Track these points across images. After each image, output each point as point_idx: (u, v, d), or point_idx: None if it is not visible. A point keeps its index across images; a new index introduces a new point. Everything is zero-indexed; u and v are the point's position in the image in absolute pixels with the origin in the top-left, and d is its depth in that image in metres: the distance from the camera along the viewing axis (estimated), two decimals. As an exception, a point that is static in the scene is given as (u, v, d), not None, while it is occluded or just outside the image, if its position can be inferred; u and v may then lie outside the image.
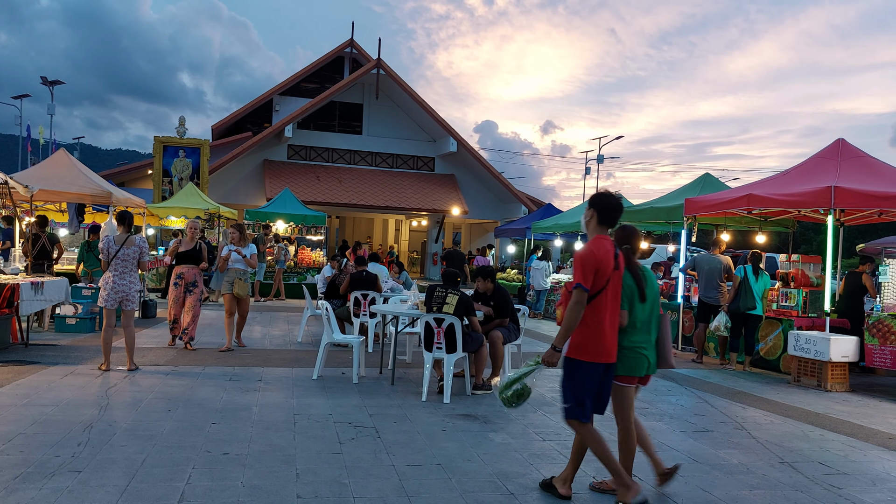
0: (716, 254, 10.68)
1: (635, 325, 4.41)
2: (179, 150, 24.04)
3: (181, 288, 9.42)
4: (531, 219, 19.78)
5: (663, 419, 6.71)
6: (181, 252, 9.45)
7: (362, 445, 5.34)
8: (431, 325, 7.11)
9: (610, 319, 4.27)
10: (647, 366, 4.45)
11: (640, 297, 4.42)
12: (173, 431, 5.47)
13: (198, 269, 9.50)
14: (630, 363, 4.40)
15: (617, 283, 4.29)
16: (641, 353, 4.41)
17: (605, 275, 4.20)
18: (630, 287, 4.39)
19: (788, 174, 10.51)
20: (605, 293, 4.21)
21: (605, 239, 4.29)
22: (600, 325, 4.22)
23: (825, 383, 8.55)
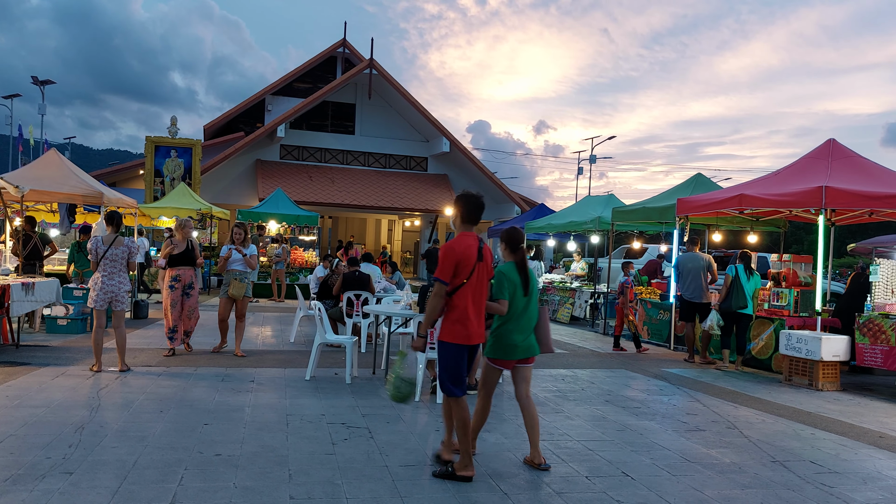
0: (696, 251, 10.69)
1: (515, 315, 4.94)
2: (171, 150, 23.99)
3: (178, 291, 8.93)
4: (524, 219, 19.80)
5: (655, 418, 6.72)
6: (175, 254, 8.93)
7: (355, 446, 5.34)
8: (424, 325, 7.10)
9: (475, 306, 4.76)
10: (522, 351, 4.98)
11: (523, 290, 4.97)
12: (165, 433, 5.45)
13: (194, 269, 9.08)
14: (505, 349, 4.95)
15: (482, 275, 4.79)
16: (518, 340, 4.95)
17: (468, 268, 4.71)
18: (513, 281, 4.94)
19: (780, 174, 10.55)
20: (468, 284, 4.72)
21: (469, 235, 4.81)
22: (465, 311, 4.71)
23: (816, 382, 8.59)
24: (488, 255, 4.90)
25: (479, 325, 4.81)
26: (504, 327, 4.96)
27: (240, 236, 9.24)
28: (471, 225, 4.89)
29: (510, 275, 4.95)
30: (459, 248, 4.71)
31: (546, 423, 6.33)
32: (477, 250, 4.77)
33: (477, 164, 29.98)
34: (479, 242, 4.82)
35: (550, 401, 7.33)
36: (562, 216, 16.93)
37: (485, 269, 4.84)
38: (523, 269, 5.02)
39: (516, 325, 4.97)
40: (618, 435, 6.05)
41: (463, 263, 4.70)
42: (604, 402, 7.42)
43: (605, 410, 6.99)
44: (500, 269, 5.02)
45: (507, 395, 7.50)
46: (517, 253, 5.09)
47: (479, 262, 4.78)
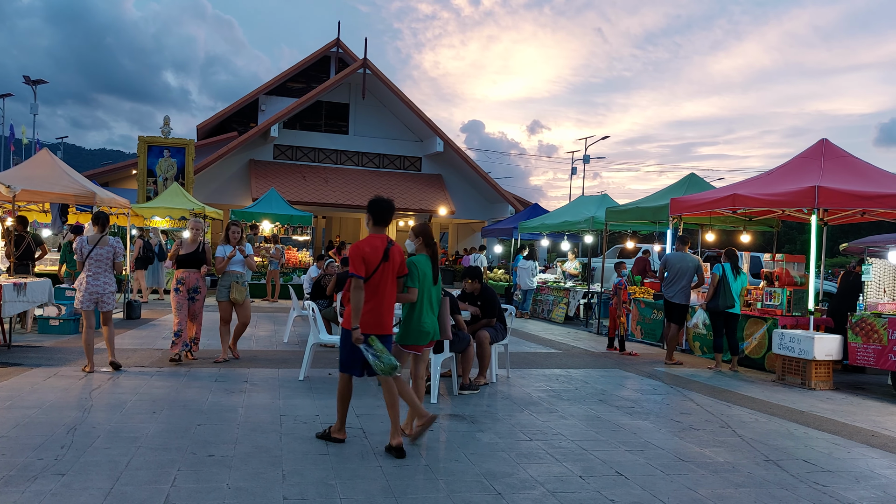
0: (686, 251, 10.50)
1: (425, 304, 5.48)
2: (164, 150, 23.89)
3: (183, 294, 8.48)
4: (518, 219, 19.82)
5: (649, 418, 6.73)
6: (182, 255, 8.51)
7: (349, 446, 5.33)
8: (418, 325, 7.10)
9: (381, 299, 5.23)
10: (430, 336, 5.54)
11: (433, 280, 5.54)
12: (158, 433, 5.43)
13: (200, 273, 8.58)
14: (417, 334, 5.49)
15: (387, 273, 5.25)
16: (428, 326, 5.50)
17: (374, 265, 5.17)
18: (424, 272, 5.46)
19: (772, 174, 10.59)
20: (374, 279, 5.18)
21: (378, 237, 5.30)
22: (379, 303, 5.22)
23: (809, 381, 8.61)
24: (396, 254, 5.32)
25: (383, 316, 5.25)
26: (416, 314, 5.46)
27: (237, 235, 8.79)
28: (381, 227, 5.38)
29: (422, 266, 5.47)
30: (366, 248, 5.19)
31: (539, 423, 6.33)
32: (384, 251, 5.23)
33: (471, 164, 29.97)
34: (387, 244, 5.27)
35: (544, 400, 7.34)
36: (555, 216, 16.95)
37: (391, 268, 5.27)
38: (434, 261, 5.58)
39: (427, 313, 5.49)
40: (612, 434, 6.06)
41: (368, 260, 5.16)
42: (598, 401, 7.42)
43: (598, 410, 6.99)
44: (412, 261, 5.47)
45: (501, 396, 7.50)
46: (430, 247, 5.61)
47: (385, 261, 5.22)
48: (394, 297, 5.34)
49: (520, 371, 9.06)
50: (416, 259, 5.53)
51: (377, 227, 5.38)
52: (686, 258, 10.42)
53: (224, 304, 8.80)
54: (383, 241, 5.28)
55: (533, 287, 16.57)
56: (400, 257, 5.38)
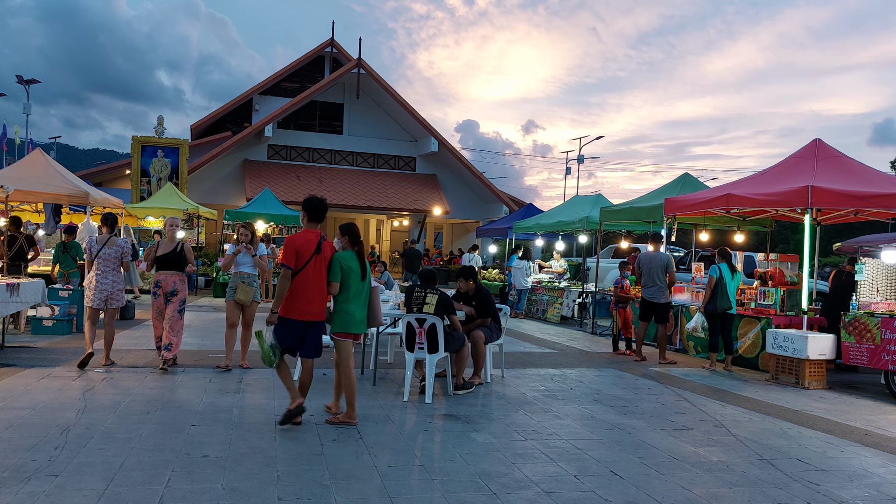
0: (657, 250, 10.49)
1: (354, 295, 5.90)
2: (158, 150, 23.84)
3: (160, 298, 8.09)
4: (512, 218, 19.84)
5: (643, 417, 6.74)
6: (159, 256, 8.11)
7: (344, 447, 5.32)
8: (413, 325, 7.10)
9: (312, 289, 5.72)
10: (360, 325, 5.97)
11: (360, 275, 5.92)
12: (152, 434, 5.42)
13: (179, 274, 8.13)
14: (347, 324, 5.91)
15: (319, 265, 5.74)
16: (355, 317, 5.92)
17: (305, 257, 5.68)
18: (350, 267, 5.86)
19: (766, 174, 10.61)
20: (305, 270, 5.68)
21: (311, 232, 5.82)
22: (303, 293, 5.71)
23: (803, 381, 8.64)
24: (327, 249, 5.86)
25: (315, 304, 5.77)
26: (344, 306, 5.91)
27: (247, 236, 8.36)
28: (314, 223, 5.93)
29: (346, 262, 5.87)
30: (299, 241, 5.74)
31: (534, 423, 6.34)
32: (316, 244, 5.75)
33: (465, 164, 29.99)
34: (319, 238, 5.81)
35: (539, 400, 7.34)
36: (550, 216, 16.97)
37: (322, 261, 5.78)
38: (361, 257, 5.97)
39: (356, 304, 5.92)
40: (606, 434, 6.07)
41: (300, 253, 5.70)
42: (592, 401, 7.43)
43: (593, 409, 7.00)
44: (336, 256, 5.89)
45: (496, 396, 7.50)
46: (356, 244, 6.01)
47: (317, 254, 5.74)
48: (323, 288, 5.81)
49: (514, 371, 9.07)
50: (341, 255, 5.91)
51: (311, 223, 5.93)
52: (655, 256, 10.43)
53: (230, 306, 8.40)
54: (316, 236, 5.81)
55: (527, 287, 16.59)
56: (331, 252, 5.90)
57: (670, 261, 10.51)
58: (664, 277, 10.34)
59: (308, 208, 5.92)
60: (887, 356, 8.23)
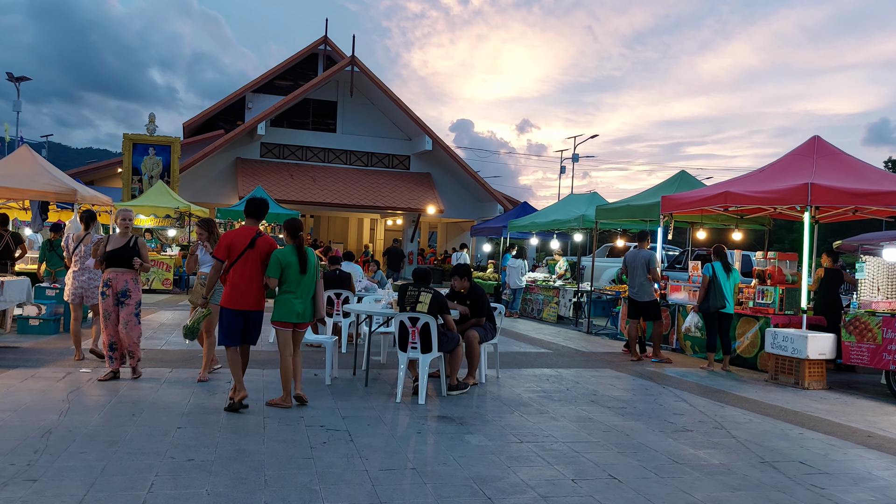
0: (644, 248, 10.49)
1: (293, 287, 6.21)
2: (149, 148, 23.58)
3: (110, 299, 7.23)
4: (507, 217, 19.68)
5: (641, 419, 6.60)
6: (110, 251, 7.25)
7: (334, 450, 5.16)
8: (406, 324, 6.94)
9: (247, 281, 6.14)
10: (297, 315, 6.25)
11: (299, 268, 6.19)
12: (136, 437, 5.24)
13: (132, 273, 7.31)
14: (286, 314, 6.22)
15: (252, 258, 6.15)
16: (294, 307, 6.22)
17: (238, 250, 6.11)
18: (288, 262, 6.15)
19: (764, 171, 10.49)
20: (239, 263, 6.11)
21: (248, 228, 6.31)
22: (238, 284, 6.12)
23: (803, 381, 8.51)
24: (262, 244, 6.22)
25: (248, 296, 6.17)
26: (284, 296, 6.22)
27: (203, 235, 7.54)
28: (252, 220, 6.42)
29: (284, 257, 6.15)
30: (233, 236, 6.20)
31: (530, 425, 6.19)
32: (250, 239, 6.17)
33: (459, 163, 29.83)
34: (255, 234, 6.23)
35: (534, 401, 7.19)
36: (545, 214, 16.82)
37: (256, 255, 6.17)
38: (301, 251, 6.24)
39: (294, 296, 6.22)
40: (604, 436, 5.92)
41: (233, 247, 6.13)
42: (589, 402, 7.29)
43: (590, 411, 6.86)
44: (275, 253, 6.17)
45: (491, 397, 7.35)
46: (296, 239, 6.30)
47: (250, 248, 6.15)
48: (257, 280, 6.19)
49: (509, 371, 8.92)
50: (280, 250, 6.21)
51: (249, 220, 6.43)
52: (639, 254, 10.44)
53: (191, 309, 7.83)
54: (252, 232, 6.25)
55: (522, 286, 16.43)
56: (266, 247, 6.25)
57: (652, 258, 10.40)
58: (646, 275, 10.27)
59: (246, 207, 6.44)
60: (888, 356, 8.10)
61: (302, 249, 6.29)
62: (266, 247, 6.25)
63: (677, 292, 11.43)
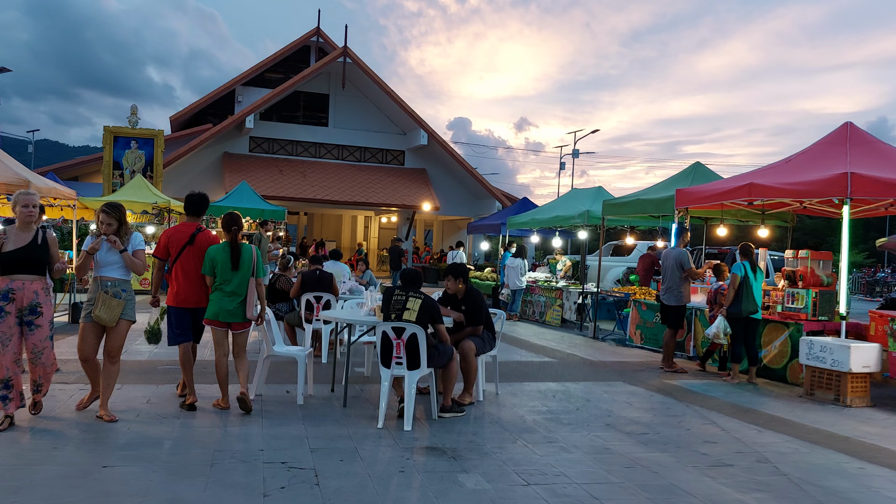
0: (677, 246, 9.70)
1: (224, 286, 5.92)
2: (131, 141, 22.53)
3: (9, 319, 5.24)
4: (506, 214, 18.65)
5: (668, 448, 5.55)
6: (8, 253, 5.26)
7: (294, 497, 4.12)
8: (389, 335, 5.89)
9: (187, 278, 6.00)
10: (227, 314, 5.94)
11: (231, 266, 5.92)
12: (47, 480, 4.19)
13: (42, 281, 5.43)
14: (216, 312, 5.93)
15: (194, 254, 6.00)
16: (224, 305, 5.92)
17: (178, 247, 5.99)
18: (219, 259, 5.91)
19: (791, 162, 9.49)
20: (181, 260, 5.99)
21: (188, 225, 6.17)
22: (182, 282, 6.00)
23: (844, 397, 7.48)
24: (203, 240, 6.06)
25: (193, 293, 6.03)
26: (216, 294, 5.96)
27: (111, 226, 5.54)
28: (193, 216, 6.27)
29: (216, 254, 5.94)
30: (171, 233, 6.10)
31: (536, 458, 5.14)
32: (190, 236, 6.02)
33: (456, 158, 28.77)
34: (195, 230, 6.08)
35: (541, 425, 6.14)
36: (546, 210, 15.77)
37: (196, 251, 6.01)
38: (234, 248, 5.95)
39: (225, 294, 5.93)
40: (627, 474, 4.88)
41: (172, 244, 6.00)
42: (604, 425, 6.24)
43: (606, 438, 5.81)
44: (209, 250, 5.98)
45: (490, 419, 6.31)
46: (229, 233, 6.01)
47: (190, 244, 6.00)
48: (199, 277, 6.01)
49: (510, 386, 7.87)
50: (212, 247, 6.00)
51: (190, 217, 6.28)
52: (669, 253, 9.63)
53: (87, 328, 5.57)
54: (192, 228, 6.11)
55: (522, 287, 15.36)
56: (208, 243, 6.05)
57: (682, 255, 9.45)
58: (678, 276, 9.31)
59: (185, 204, 6.26)
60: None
61: (235, 245, 5.96)
62: (207, 242, 6.07)
63: (693, 295, 10.39)
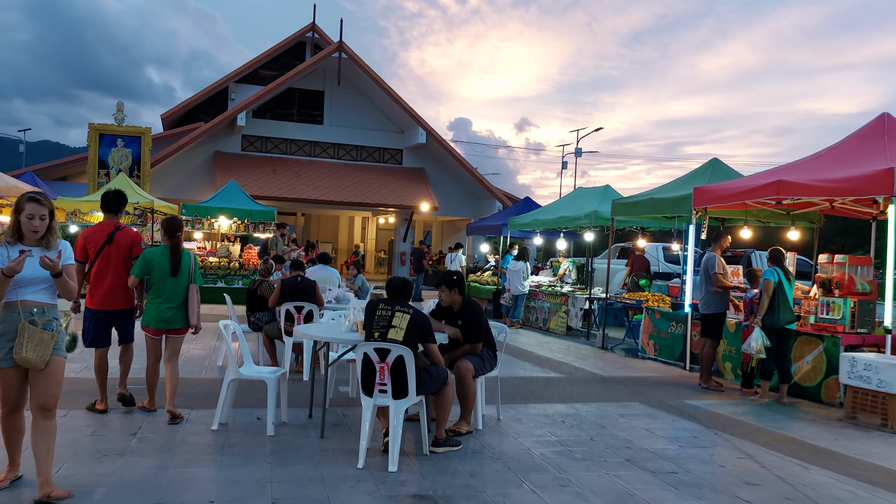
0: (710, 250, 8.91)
1: (162, 292, 5.72)
2: (118, 139, 21.68)
3: None
4: (508, 214, 17.74)
5: (703, 493, 4.66)
6: None
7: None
8: (371, 358, 5.00)
9: (111, 279, 5.78)
10: (164, 322, 5.74)
11: (170, 271, 5.70)
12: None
13: None
14: (154, 320, 5.72)
15: (114, 254, 5.79)
16: (161, 313, 5.71)
17: (95, 249, 5.78)
18: (156, 262, 5.68)
19: (822, 157, 8.63)
20: (100, 261, 5.78)
21: (106, 224, 5.93)
22: (101, 283, 5.79)
23: (893, 422, 6.59)
24: (122, 238, 5.85)
25: (112, 295, 5.82)
26: (154, 301, 5.75)
27: (43, 220, 4.06)
28: (111, 215, 6.03)
29: (154, 258, 5.70)
30: (89, 233, 5.88)
31: (549, 510, 4.24)
32: (108, 235, 5.81)
33: (456, 157, 27.86)
34: (113, 229, 5.86)
35: (550, 462, 5.24)
36: (550, 210, 14.86)
37: (116, 250, 5.81)
38: (175, 252, 5.75)
39: (164, 301, 5.74)
40: (659, 532, 3.98)
41: (90, 245, 5.79)
42: (624, 460, 5.35)
43: (629, 479, 4.91)
44: (144, 252, 5.76)
45: (490, 454, 5.41)
46: (172, 239, 5.79)
47: (109, 244, 5.78)
48: (122, 277, 5.82)
49: (514, 409, 6.98)
50: (150, 250, 5.76)
51: (107, 215, 6.04)
52: (702, 258, 8.95)
53: (6, 374, 4.05)
54: (110, 227, 5.90)
55: (525, 292, 14.45)
56: (128, 240, 5.87)
57: (708, 261, 8.70)
58: (709, 282, 8.54)
59: (102, 201, 6.02)
60: None
61: (176, 251, 5.77)
62: (127, 240, 5.89)
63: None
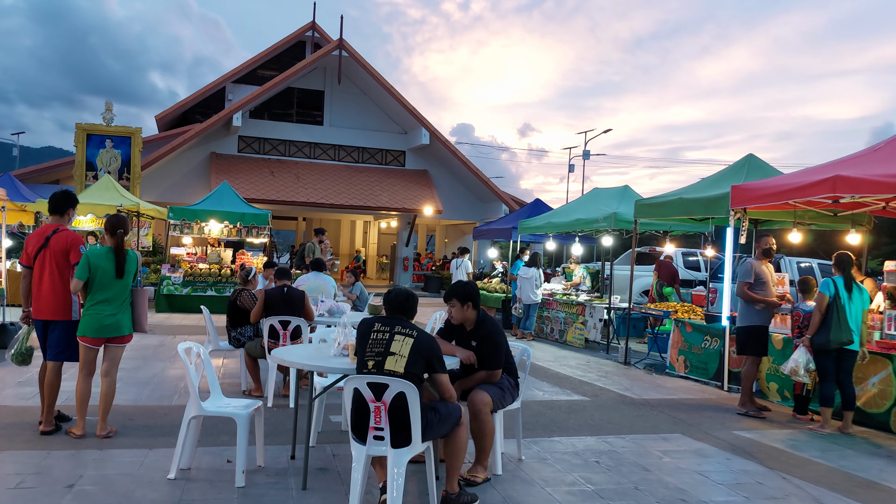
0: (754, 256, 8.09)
1: (106, 295, 5.37)
2: (106, 140, 20.69)
3: None
4: (517, 217, 16.69)
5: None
6: None
7: None
8: (364, 395, 3.94)
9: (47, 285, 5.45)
10: (106, 329, 5.35)
11: (115, 273, 5.38)
12: None
13: None
14: (92, 327, 5.31)
15: (48, 259, 5.45)
16: (104, 320, 5.34)
17: (34, 251, 5.53)
18: (100, 265, 5.32)
19: (880, 151, 7.65)
20: (36, 265, 5.50)
21: (48, 226, 5.62)
22: (36, 290, 5.51)
23: None
24: (57, 241, 5.47)
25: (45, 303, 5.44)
26: (95, 307, 5.31)
27: None
28: (56, 216, 5.67)
29: (96, 259, 5.31)
30: (30, 238, 5.60)
31: None
32: (45, 238, 5.49)
33: (460, 159, 26.83)
34: (51, 232, 5.50)
35: (589, 522, 4.18)
36: (565, 213, 13.78)
37: (51, 254, 5.45)
38: (119, 253, 5.38)
39: (108, 306, 5.35)
40: None
41: (30, 249, 5.54)
42: None
43: None
44: (86, 253, 5.37)
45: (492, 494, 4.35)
46: (114, 238, 5.42)
47: (45, 247, 5.47)
48: (58, 284, 5.43)
49: (536, 444, 5.91)
50: (91, 251, 5.41)
51: (52, 217, 5.66)
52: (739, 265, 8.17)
53: None
54: (49, 229, 5.51)
55: (537, 301, 13.36)
56: (63, 244, 5.45)
57: (741, 267, 7.75)
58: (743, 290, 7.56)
59: (49, 201, 5.70)
60: None
61: (120, 251, 5.39)
62: (62, 244, 5.47)
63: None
